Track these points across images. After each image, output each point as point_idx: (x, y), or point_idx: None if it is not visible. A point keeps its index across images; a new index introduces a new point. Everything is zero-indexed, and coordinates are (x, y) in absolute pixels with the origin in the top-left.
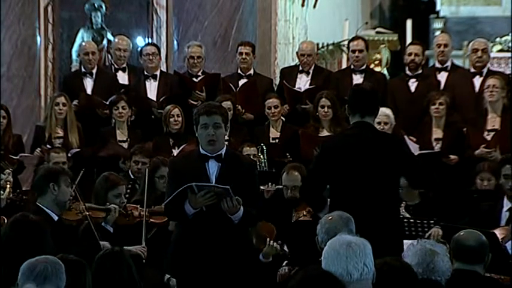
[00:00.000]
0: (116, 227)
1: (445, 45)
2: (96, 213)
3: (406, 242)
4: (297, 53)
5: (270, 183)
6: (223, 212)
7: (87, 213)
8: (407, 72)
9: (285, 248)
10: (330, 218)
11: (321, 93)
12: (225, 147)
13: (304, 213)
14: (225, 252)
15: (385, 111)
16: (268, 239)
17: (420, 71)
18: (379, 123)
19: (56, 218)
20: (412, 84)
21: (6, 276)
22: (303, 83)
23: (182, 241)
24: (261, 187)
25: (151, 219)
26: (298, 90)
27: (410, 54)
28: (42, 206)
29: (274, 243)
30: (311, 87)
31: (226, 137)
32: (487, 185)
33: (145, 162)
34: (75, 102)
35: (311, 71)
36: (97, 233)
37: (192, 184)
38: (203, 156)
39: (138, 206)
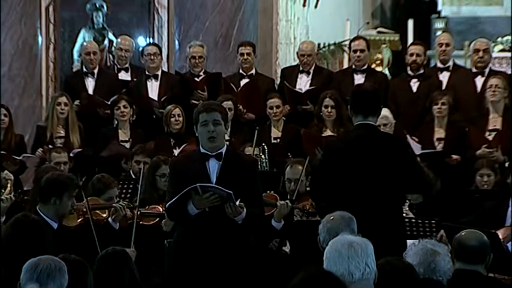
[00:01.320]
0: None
1: (447, 45)
2: (99, 214)
3: (408, 242)
4: (297, 53)
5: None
6: (225, 212)
7: (90, 216)
8: (409, 72)
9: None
10: (331, 217)
11: (325, 93)
12: (225, 146)
13: (307, 206)
14: (228, 251)
15: (383, 113)
16: (277, 202)
17: (422, 71)
18: (378, 126)
19: (55, 226)
20: (414, 84)
21: (8, 276)
22: (303, 83)
23: (184, 241)
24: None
25: (142, 222)
26: (299, 91)
27: (412, 54)
28: (42, 214)
29: (284, 202)
30: (311, 88)
31: (227, 137)
32: (487, 181)
33: (147, 162)
34: (76, 102)
35: (311, 71)
36: (95, 233)
37: (197, 185)
38: (203, 155)
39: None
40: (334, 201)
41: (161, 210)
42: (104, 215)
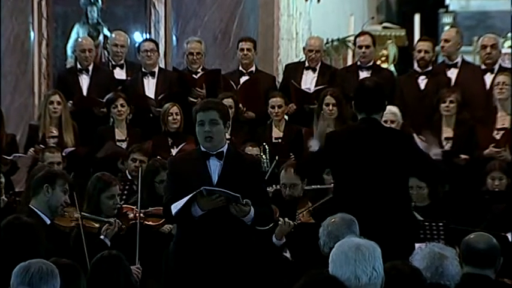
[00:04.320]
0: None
1: (446, 40)
2: (90, 223)
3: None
4: (304, 48)
5: (273, 185)
6: (229, 212)
7: (81, 223)
8: (417, 68)
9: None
10: (332, 220)
11: (326, 91)
12: (226, 145)
13: (305, 212)
14: (231, 252)
15: (391, 109)
16: (279, 220)
17: (430, 68)
18: (385, 121)
19: (48, 221)
20: (422, 81)
21: (0, 279)
22: (309, 79)
23: (186, 242)
24: None
25: (145, 222)
26: (307, 90)
27: (420, 50)
28: (34, 209)
29: (286, 219)
30: (321, 87)
31: (228, 136)
32: (499, 184)
33: (144, 161)
34: (69, 104)
35: (318, 68)
36: (86, 245)
37: (202, 189)
38: (204, 154)
39: (134, 207)
40: (336, 200)
41: None
42: (97, 225)
